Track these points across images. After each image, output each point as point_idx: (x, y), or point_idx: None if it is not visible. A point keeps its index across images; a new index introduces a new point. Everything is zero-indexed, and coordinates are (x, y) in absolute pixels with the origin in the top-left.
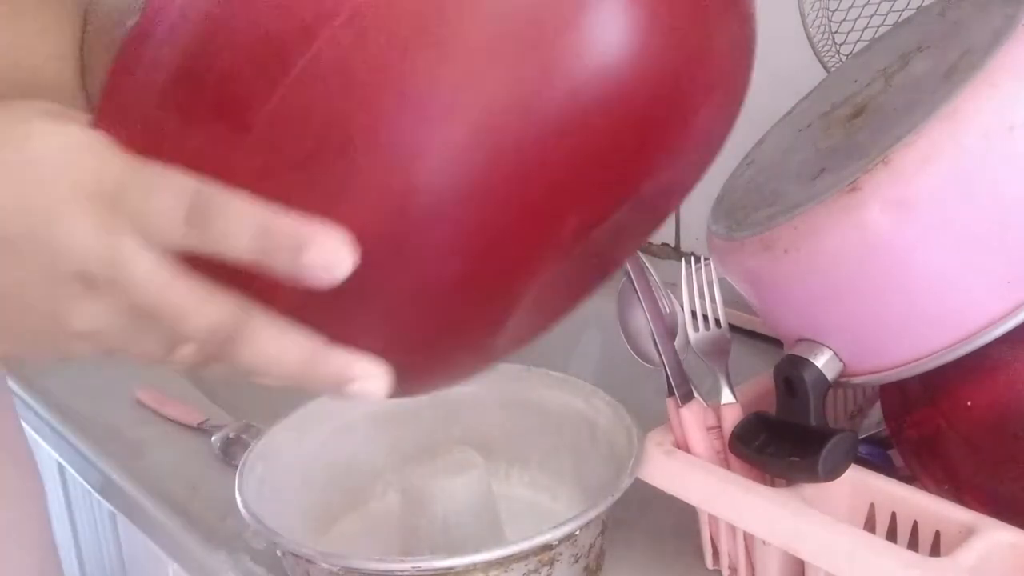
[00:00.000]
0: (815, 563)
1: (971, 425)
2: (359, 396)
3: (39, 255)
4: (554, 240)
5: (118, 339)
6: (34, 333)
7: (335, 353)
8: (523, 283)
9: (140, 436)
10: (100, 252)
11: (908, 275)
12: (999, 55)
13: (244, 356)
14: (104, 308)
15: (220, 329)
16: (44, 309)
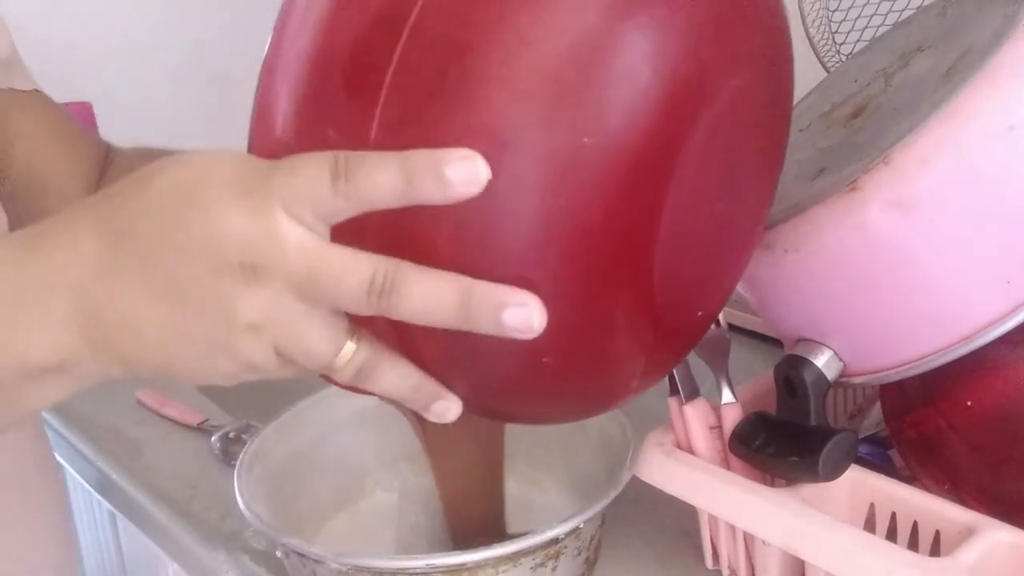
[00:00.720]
0: (815, 563)
1: (971, 425)
2: (518, 326)
3: (203, 250)
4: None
5: (286, 329)
6: (207, 337)
7: (486, 284)
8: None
9: (140, 436)
10: (256, 233)
11: (908, 275)
12: (999, 55)
13: (405, 304)
14: (269, 294)
15: (376, 282)
16: (213, 305)
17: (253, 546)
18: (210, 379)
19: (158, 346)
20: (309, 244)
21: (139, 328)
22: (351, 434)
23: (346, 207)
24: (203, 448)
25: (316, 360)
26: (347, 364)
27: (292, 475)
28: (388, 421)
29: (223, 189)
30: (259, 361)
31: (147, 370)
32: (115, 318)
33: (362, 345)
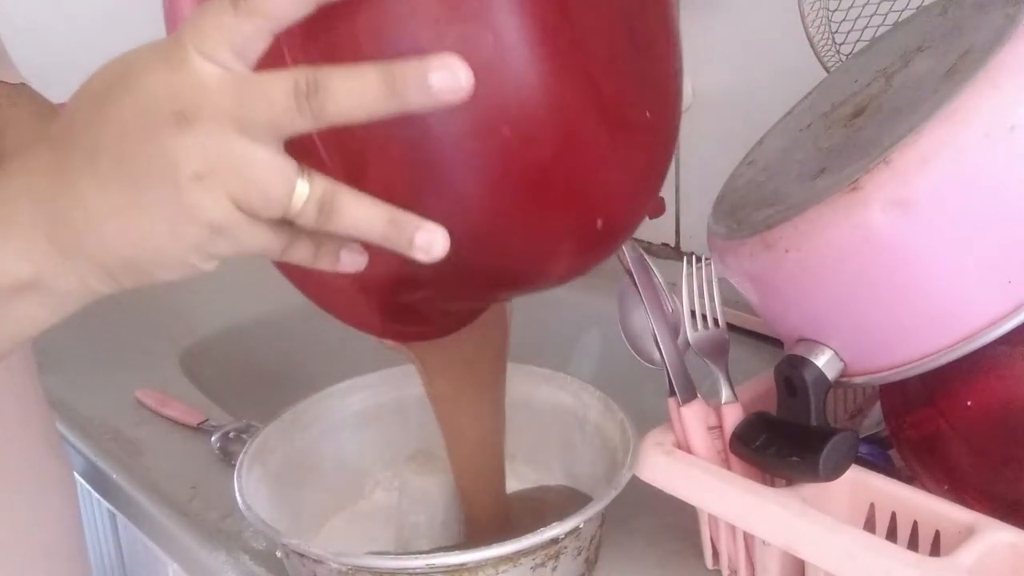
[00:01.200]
0: (815, 563)
1: (971, 425)
2: (446, 86)
3: (134, 118)
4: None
5: (232, 171)
6: (159, 203)
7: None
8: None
9: (140, 436)
10: (177, 82)
11: (909, 275)
12: (1000, 55)
13: (333, 100)
14: (203, 136)
15: (300, 85)
16: (155, 166)
17: (253, 546)
18: (184, 258)
19: (120, 232)
20: (229, 76)
21: (98, 218)
22: (351, 434)
23: (252, 27)
24: (203, 448)
25: (274, 199)
26: (307, 201)
27: (292, 475)
28: (388, 421)
29: (143, 62)
30: (218, 215)
31: (119, 264)
32: (75, 215)
33: (315, 178)
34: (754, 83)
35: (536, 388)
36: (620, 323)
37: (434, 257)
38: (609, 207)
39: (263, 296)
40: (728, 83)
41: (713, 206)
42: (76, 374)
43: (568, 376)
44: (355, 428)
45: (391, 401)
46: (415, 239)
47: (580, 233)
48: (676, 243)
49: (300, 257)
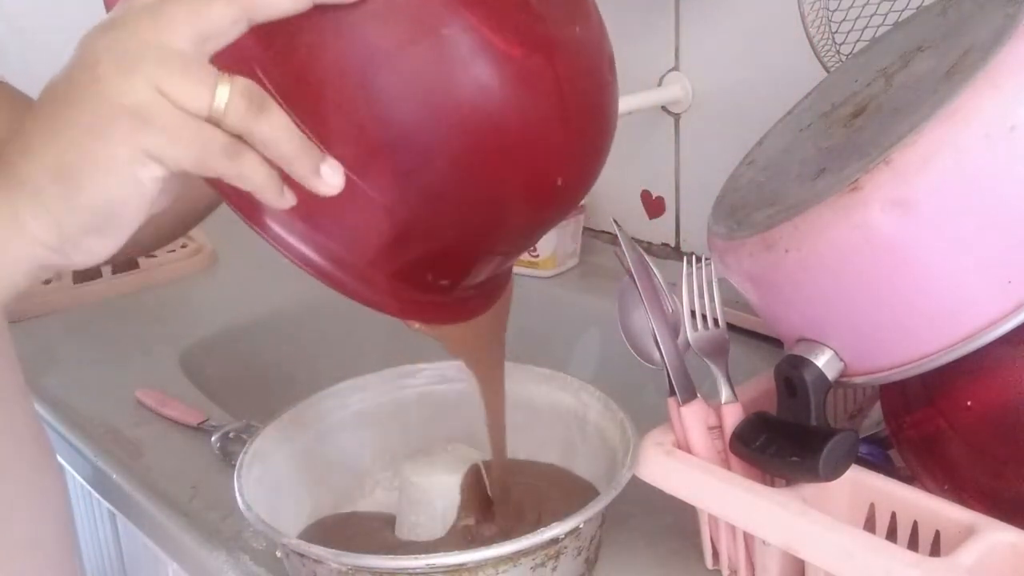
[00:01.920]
0: (815, 563)
1: (971, 425)
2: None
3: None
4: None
5: (153, 63)
6: (74, 87)
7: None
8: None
9: (140, 436)
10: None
11: (909, 275)
12: (1000, 55)
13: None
14: (124, 33)
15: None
16: (79, 69)
17: (253, 546)
18: (114, 159)
19: (45, 136)
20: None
21: (26, 136)
22: (351, 434)
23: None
24: (203, 448)
25: (199, 87)
26: (232, 100)
27: (292, 475)
28: (388, 421)
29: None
30: (142, 98)
31: (49, 181)
32: (28, 169)
33: (236, 78)
34: (754, 83)
35: (536, 388)
36: (620, 323)
37: (332, 189)
38: (547, 150)
39: (263, 296)
40: (728, 83)
41: (713, 206)
42: (76, 374)
43: (568, 376)
44: (355, 428)
45: (391, 401)
46: (322, 168)
47: (535, 181)
48: (676, 243)
49: (255, 175)
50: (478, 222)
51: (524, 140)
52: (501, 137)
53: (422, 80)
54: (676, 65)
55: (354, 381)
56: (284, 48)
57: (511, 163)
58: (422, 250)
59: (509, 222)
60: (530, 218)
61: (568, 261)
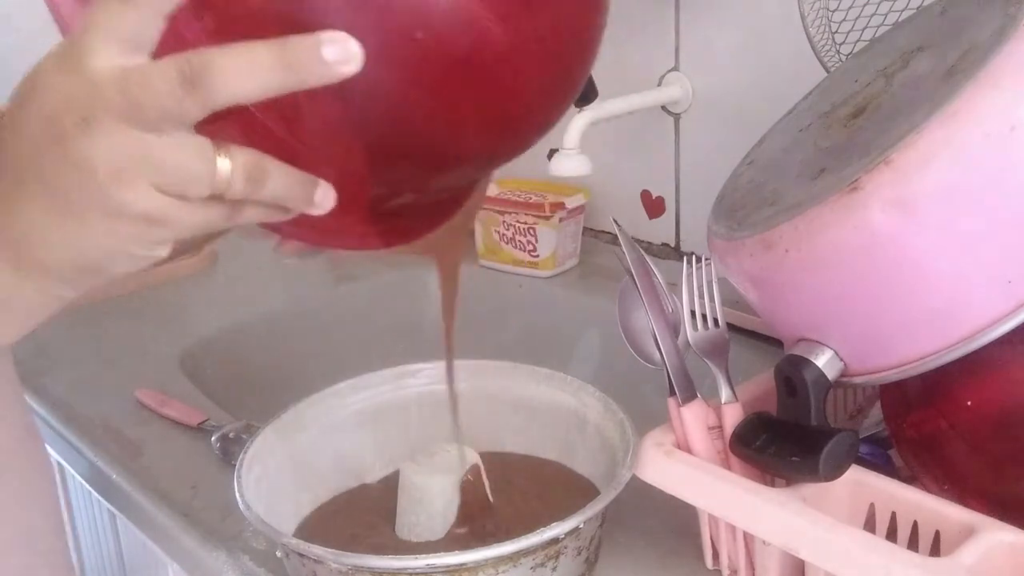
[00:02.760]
0: (815, 563)
1: (971, 425)
2: (340, 56)
3: (42, 131)
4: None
5: (148, 161)
6: (88, 206)
7: (292, 39)
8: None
9: (140, 436)
10: (72, 84)
11: (909, 275)
12: (1000, 55)
13: (223, 81)
14: (108, 136)
15: (184, 72)
16: (72, 172)
17: (253, 546)
18: (130, 251)
19: (62, 240)
20: (117, 72)
21: (39, 232)
22: (351, 434)
23: (139, 13)
24: (203, 448)
25: (200, 179)
26: (233, 173)
27: (292, 475)
28: (388, 421)
29: (42, 73)
30: (150, 207)
31: (72, 270)
32: (16, 235)
33: (234, 151)
34: (754, 83)
35: (536, 388)
36: (620, 323)
37: (326, 207)
38: (521, 73)
39: (263, 296)
40: (728, 83)
41: (713, 206)
42: (76, 374)
43: (568, 376)
44: (355, 428)
45: (391, 401)
46: (315, 195)
47: (492, 106)
48: (676, 243)
49: (255, 216)
50: (433, 143)
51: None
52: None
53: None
54: (676, 65)
55: (354, 381)
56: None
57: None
58: (385, 185)
59: (464, 145)
60: (492, 138)
61: (568, 261)
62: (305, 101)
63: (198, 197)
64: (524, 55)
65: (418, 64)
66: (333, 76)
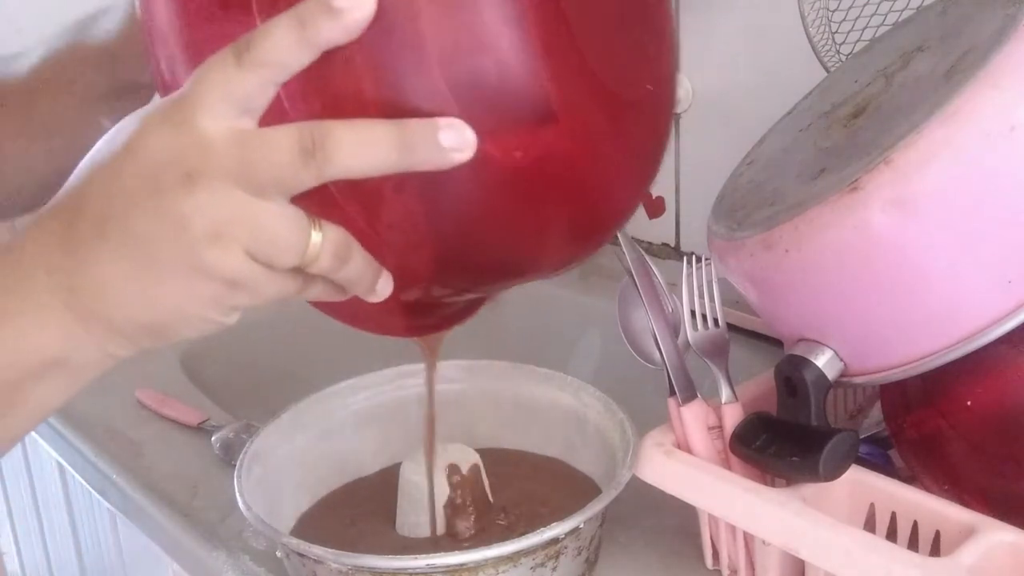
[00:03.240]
0: (815, 563)
1: (971, 425)
2: (455, 143)
3: (139, 185)
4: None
5: (245, 226)
6: (175, 265)
7: (411, 121)
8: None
9: (140, 436)
10: (180, 142)
11: (909, 275)
12: (1000, 55)
13: (341, 155)
14: (212, 195)
15: (305, 142)
16: (167, 230)
17: (253, 546)
18: (203, 315)
19: (138, 298)
20: (232, 133)
21: (114, 287)
22: (351, 434)
23: (256, 80)
24: (203, 448)
25: (290, 249)
26: (322, 248)
27: (292, 475)
28: (388, 421)
29: (146, 125)
30: (236, 271)
31: (140, 330)
32: (90, 286)
33: (326, 226)
34: (754, 83)
35: (536, 388)
36: (620, 323)
37: (383, 298)
38: (610, 193)
39: None
40: (728, 83)
41: (713, 206)
42: None
43: (568, 376)
44: (355, 428)
45: (391, 401)
46: (378, 284)
47: (580, 222)
48: (676, 243)
49: (319, 294)
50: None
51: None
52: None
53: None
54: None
55: (354, 381)
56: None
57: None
58: (440, 295)
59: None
60: (570, 253)
61: None
62: (390, 192)
63: (284, 267)
64: (615, 170)
65: (510, 181)
66: (445, 162)
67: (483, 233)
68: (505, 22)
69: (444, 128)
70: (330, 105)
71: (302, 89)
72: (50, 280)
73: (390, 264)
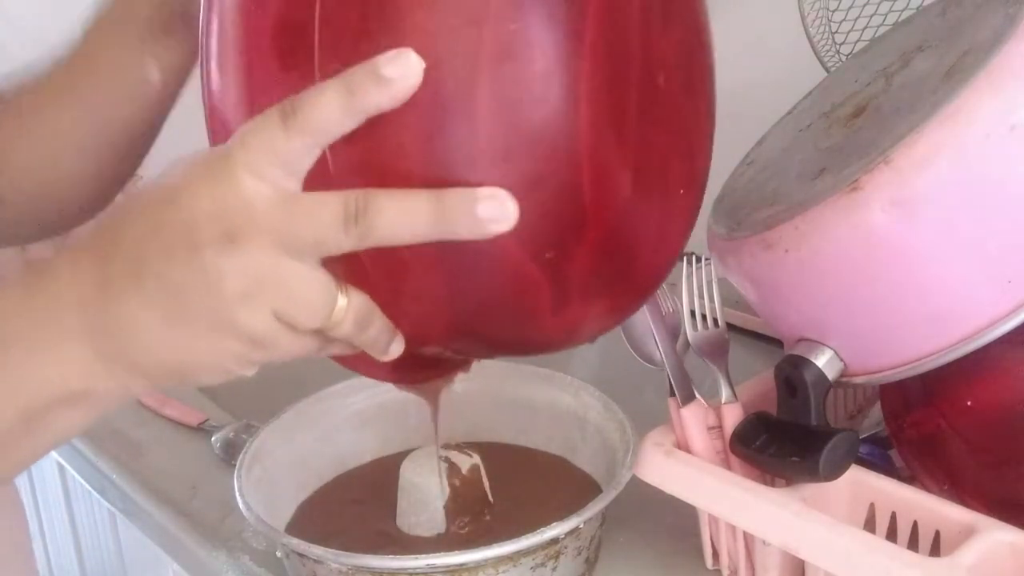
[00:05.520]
0: (815, 563)
1: (971, 425)
2: (494, 215)
3: (179, 237)
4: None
5: (277, 288)
6: (205, 319)
7: (452, 191)
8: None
9: (140, 436)
10: (223, 200)
11: (909, 275)
12: (1000, 55)
13: (382, 224)
14: (250, 256)
15: (349, 209)
16: (201, 285)
17: (253, 546)
18: (224, 367)
19: (164, 345)
20: (277, 195)
21: (143, 332)
22: (351, 434)
23: (302, 144)
24: (203, 448)
25: (316, 313)
26: (346, 314)
27: (292, 476)
28: (388, 421)
29: (190, 178)
30: (262, 331)
31: (162, 373)
32: (119, 327)
33: (352, 293)
34: (754, 83)
35: (536, 388)
36: None
37: (393, 357)
38: (644, 279)
39: None
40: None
41: (713, 206)
42: None
43: (568, 376)
44: (355, 428)
45: (391, 401)
46: (391, 346)
47: (617, 308)
48: None
49: (333, 352)
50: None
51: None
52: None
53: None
54: None
55: (354, 381)
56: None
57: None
58: (452, 351)
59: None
60: (600, 331)
61: None
62: (418, 267)
63: (308, 329)
64: (636, 270)
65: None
66: (483, 232)
67: (499, 313)
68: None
69: (484, 199)
70: (376, 172)
71: (347, 153)
72: (81, 316)
73: (405, 329)
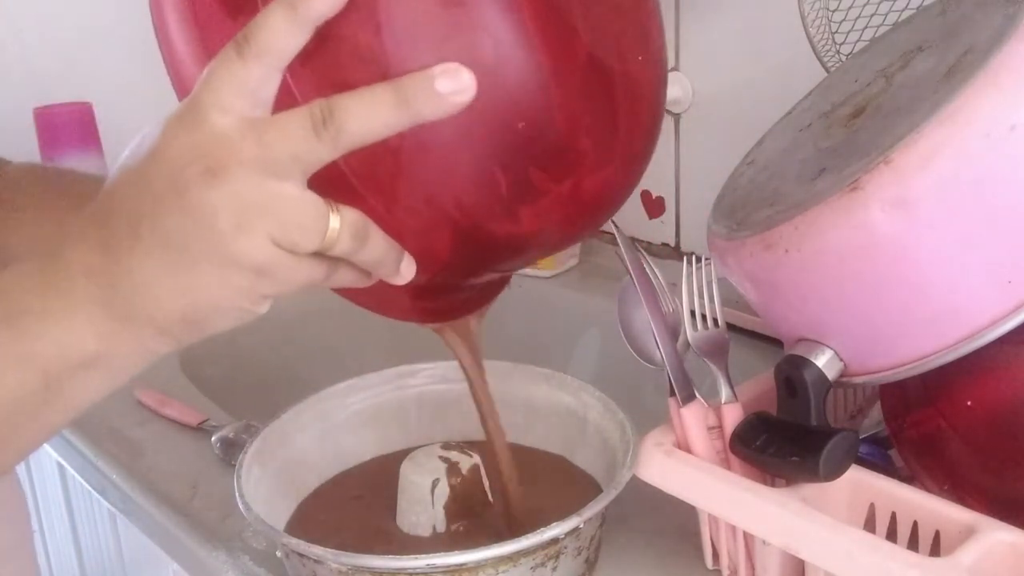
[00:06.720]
0: (815, 563)
1: (971, 425)
2: (454, 87)
3: (165, 183)
4: None
5: (269, 212)
6: (206, 257)
7: (409, 75)
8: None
9: (140, 436)
10: (198, 139)
11: (909, 275)
12: (1000, 55)
13: (351, 123)
14: (234, 184)
15: (316, 116)
16: (194, 224)
17: (253, 546)
18: (236, 305)
19: (173, 292)
20: (246, 123)
21: (150, 284)
22: (351, 434)
23: (260, 69)
24: (203, 448)
25: (310, 231)
26: (342, 230)
27: (292, 475)
28: (388, 421)
29: (165, 132)
30: (262, 258)
31: (177, 324)
32: (127, 284)
33: (344, 210)
34: (754, 83)
35: (536, 388)
36: (620, 323)
37: (407, 280)
38: (608, 164)
39: None
40: (728, 83)
41: (713, 206)
42: None
43: (568, 376)
44: (355, 428)
45: (391, 401)
46: (402, 266)
47: (577, 200)
48: (676, 243)
49: (346, 280)
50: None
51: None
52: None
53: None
54: (676, 65)
55: (354, 381)
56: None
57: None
58: (451, 276)
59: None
60: (566, 233)
61: (568, 261)
62: (405, 175)
63: (306, 251)
64: (609, 141)
65: (509, 151)
66: (447, 107)
67: (486, 197)
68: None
69: (439, 76)
70: (338, 83)
71: (307, 74)
72: (89, 282)
73: (411, 248)
